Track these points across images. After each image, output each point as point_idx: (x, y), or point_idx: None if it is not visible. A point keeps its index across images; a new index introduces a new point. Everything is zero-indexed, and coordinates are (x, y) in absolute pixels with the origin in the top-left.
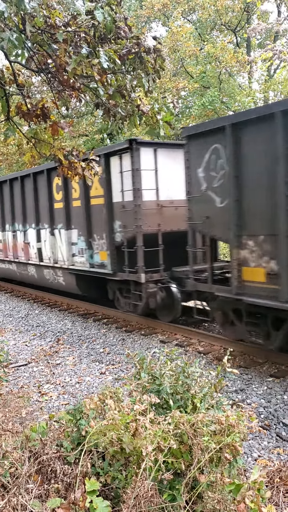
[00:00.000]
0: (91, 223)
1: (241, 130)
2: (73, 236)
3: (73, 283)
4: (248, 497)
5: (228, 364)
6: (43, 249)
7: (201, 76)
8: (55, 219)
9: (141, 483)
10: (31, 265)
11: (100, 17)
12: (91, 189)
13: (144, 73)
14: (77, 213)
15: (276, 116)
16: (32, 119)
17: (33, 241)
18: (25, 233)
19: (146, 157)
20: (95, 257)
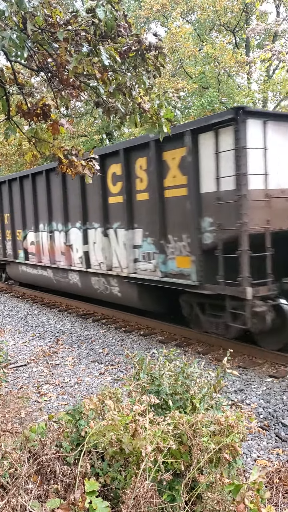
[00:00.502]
0: (165, 220)
1: None
2: (136, 237)
3: (134, 295)
4: (247, 497)
5: (228, 365)
6: (92, 253)
7: (200, 77)
8: (110, 217)
9: (140, 484)
10: (73, 271)
11: (102, 14)
12: (166, 177)
13: (144, 70)
14: (144, 209)
15: None
16: (33, 118)
17: (77, 243)
18: (67, 234)
19: (254, 132)
20: (170, 264)
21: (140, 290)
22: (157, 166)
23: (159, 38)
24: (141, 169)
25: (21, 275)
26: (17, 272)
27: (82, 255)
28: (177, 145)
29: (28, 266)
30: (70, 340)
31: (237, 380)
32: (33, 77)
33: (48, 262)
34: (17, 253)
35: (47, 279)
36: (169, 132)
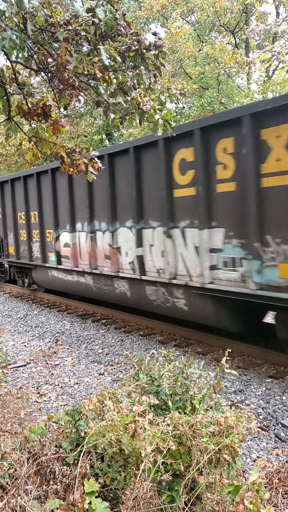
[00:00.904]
0: (262, 217)
1: None
2: (215, 238)
3: (207, 311)
4: (247, 498)
5: (226, 365)
6: (147, 257)
7: (200, 77)
8: (176, 214)
9: (140, 484)
10: (121, 279)
11: (102, 14)
12: (265, 161)
13: (145, 69)
14: (227, 203)
15: None
16: (33, 118)
17: (127, 245)
18: (113, 235)
19: None
20: (269, 273)
21: (217, 305)
22: (252, 147)
23: (158, 37)
24: (225, 153)
25: (51, 281)
26: (46, 278)
27: (133, 260)
28: (284, 118)
29: (60, 272)
30: (70, 340)
31: (237, 380)
32: (33, 77)
33: (87, 267)
34: (46, 257)
35: (84, 286)
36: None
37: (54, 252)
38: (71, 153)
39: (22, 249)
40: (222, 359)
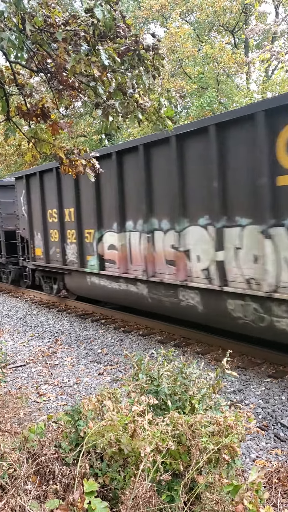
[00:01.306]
0: None
1: None
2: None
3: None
4: (246, 498)
5: (227, 366)
6: (231, 263)
7: (199, 77)
8: (280, 208)
9: (139, 484)
10: (189, 289)
11: (100, 14)
12: None
13: (144, 70)
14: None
15: None
16: (32, 119)
17: (200, 248)
18: (180, 235)
19: None
20: None
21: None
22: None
23: (157, 39)
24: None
25: (90, 289)
26: (84, 285)
27: (209, 266)
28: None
29: (103, 278)
30: (69, 340)
31: (236, 380)
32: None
33: (140, 274)
34: (85, 260)
35: (136, 297)
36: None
37: (96, 255)
38: (69, 154)
39: (52, 251)
40: (223, 359)
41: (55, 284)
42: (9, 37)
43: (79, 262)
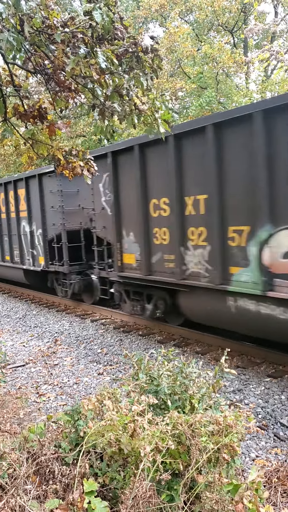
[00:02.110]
0: None
1: None
2: None
3: None
4: (246, 497)
5: (226, 365)
6: None
7: (199, 77)
8: None
9: (139, 484)
10: None
11: (99, 17)
12: None
13: (141, 72)
14: None
15: None
16: (29, 120)
17: None
18: None
19: None
20: None
21: None
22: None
23: (156, 41)
24: None
25: (235, 317)
26: (220, 311)
27: None
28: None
29: (267, 304)
30: (69, 340)
31: (236, 380)
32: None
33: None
34: (227, 273)
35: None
36: (169, 130)
37: (254, 266)
38: (67, 155)
39: (157, 258)
40: (221, 358)
41: (149, 303)
42: (7, 38)
43: (213, 276)
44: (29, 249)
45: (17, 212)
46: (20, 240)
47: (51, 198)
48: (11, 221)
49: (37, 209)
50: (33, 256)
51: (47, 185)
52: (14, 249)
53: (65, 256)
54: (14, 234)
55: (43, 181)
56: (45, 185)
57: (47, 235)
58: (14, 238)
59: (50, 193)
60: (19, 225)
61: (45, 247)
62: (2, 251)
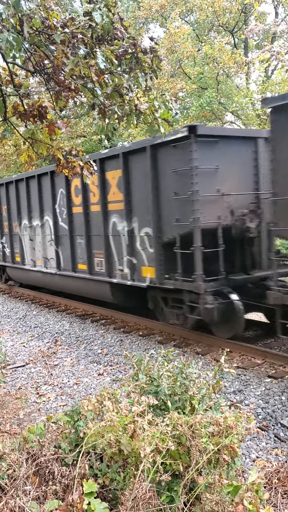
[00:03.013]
0: None
1: None
2: None
3: None
4: (246, 498)
5: (226, 365)
6: None
7: (199, 77)
8: None
9: (139, 485)
10: None
11: (99, 18)
12: None
13: (141, 72)
14: None
15: None
16: (29, 120)
17: None
18: None
19: None
20: None
21: None
22: None
23: (155, 42)
24: None
25: None
26: None
27: None
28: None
29: None
30: (69, 340)
31: (236, 380)
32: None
33: None
34: None
35: None
36: (168, 130)
37: None
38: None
39: None
40: (221, 358)
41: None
42: (7, 38)
43: None
44: (125, 255)
45: (103, 204)
46: (107, 243)
47: (173, 181)
48: (91, 217)
49: (143, 198)
50: (132, 265)
51: (167, 161)
52: (96, 255)
53: (198, 268)
54: (97, 235)
55: (161, 155)
56: (163, 161)
57: (162, 235)
58: (96, 240)
59: (173, 172)
60: (106, 222)
61: (158, 253)
62: (73, 257)
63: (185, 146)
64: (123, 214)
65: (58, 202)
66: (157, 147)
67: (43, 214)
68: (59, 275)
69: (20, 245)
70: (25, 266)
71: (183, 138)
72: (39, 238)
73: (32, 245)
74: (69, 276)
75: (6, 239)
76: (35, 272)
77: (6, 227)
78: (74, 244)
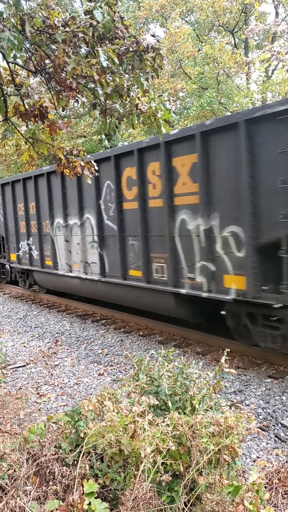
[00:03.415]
0: None
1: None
2: None
3: None
4: (246, 498)
5: (226, 365)
6: None
7: (199, 77)
8: None
9: (139, 485)
10: None
11: (100, 16)
12: None
13: (142, 71)
14: None
15: None
16: (30, 119)
17: None
18: None
19: None
20: None
21: None
22: None
23: (157, 40)
24: None
25: None
26: None
27: None
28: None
29: None
30: (69, 340)
31: (236, 380)
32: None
33: None
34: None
35: None
36: (168, 132)
37: None
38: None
39: None
40: (222, 358)
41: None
42: (8, 38)
43: None
44: (199, 260)
45: (168, 198)
46: (172, 245)
47: (281, 165)
48: (149, 214)
49: (229, 189)
50: (209, 273)
51: (271, 139)
52: (154, 259)
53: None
54: (157, 236)
55: (261, 131)
56: (265, 140)
57: (258, 236)
58: (156, 241)
59: (281, 154)
60: (171, 220)
61: (252, 258)
62: (123, 262)
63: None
64: (198, 210)
65: (104, 197)
66: (255, 122)
67: (83, 212)
68: (103, 282)
69: (52, 247)
70: (58, 271)
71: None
72: (77, 239)
73: (68, 247)
74: (117, 284)
75: (33, 240)
76: (71, 278)
77: (34, 227)
78: (125, 246)
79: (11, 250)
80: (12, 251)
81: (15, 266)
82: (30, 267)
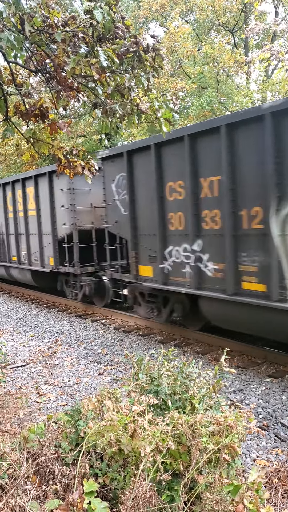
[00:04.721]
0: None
1: None
2: None
3: None
4: (246, 497)
5: (226, 364)
6: None
7: (199, 77)
8: None
9: (139, 484)
10: None
11: (99, 16)
12: None
13: (143, 71)
14: None
15: None
16: (31, 119)
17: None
18: None
19: None
20: None
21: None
22: None
23: (157, 40)
24: None
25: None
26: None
27: None
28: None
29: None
30: (69, 340)
31: (236, 380)
32: (31, 77)
33: None
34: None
35: None
36: (169, 131)
37: None
38: (68, 154)
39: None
40: (221, 357)
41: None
42: (8, 37)
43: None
44: None
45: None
46: None
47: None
48: None
49: None
50: None
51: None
52: None
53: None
54: None
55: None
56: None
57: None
58: None
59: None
60: None
61: None
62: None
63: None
64: None
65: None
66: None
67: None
68: None
69: (268, 257)
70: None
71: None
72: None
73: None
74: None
75: (208, 243)
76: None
77: (212, 221)
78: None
79: (141, 260)
80: (144, 261)
81: (149, 286)
82: (200, 291)
